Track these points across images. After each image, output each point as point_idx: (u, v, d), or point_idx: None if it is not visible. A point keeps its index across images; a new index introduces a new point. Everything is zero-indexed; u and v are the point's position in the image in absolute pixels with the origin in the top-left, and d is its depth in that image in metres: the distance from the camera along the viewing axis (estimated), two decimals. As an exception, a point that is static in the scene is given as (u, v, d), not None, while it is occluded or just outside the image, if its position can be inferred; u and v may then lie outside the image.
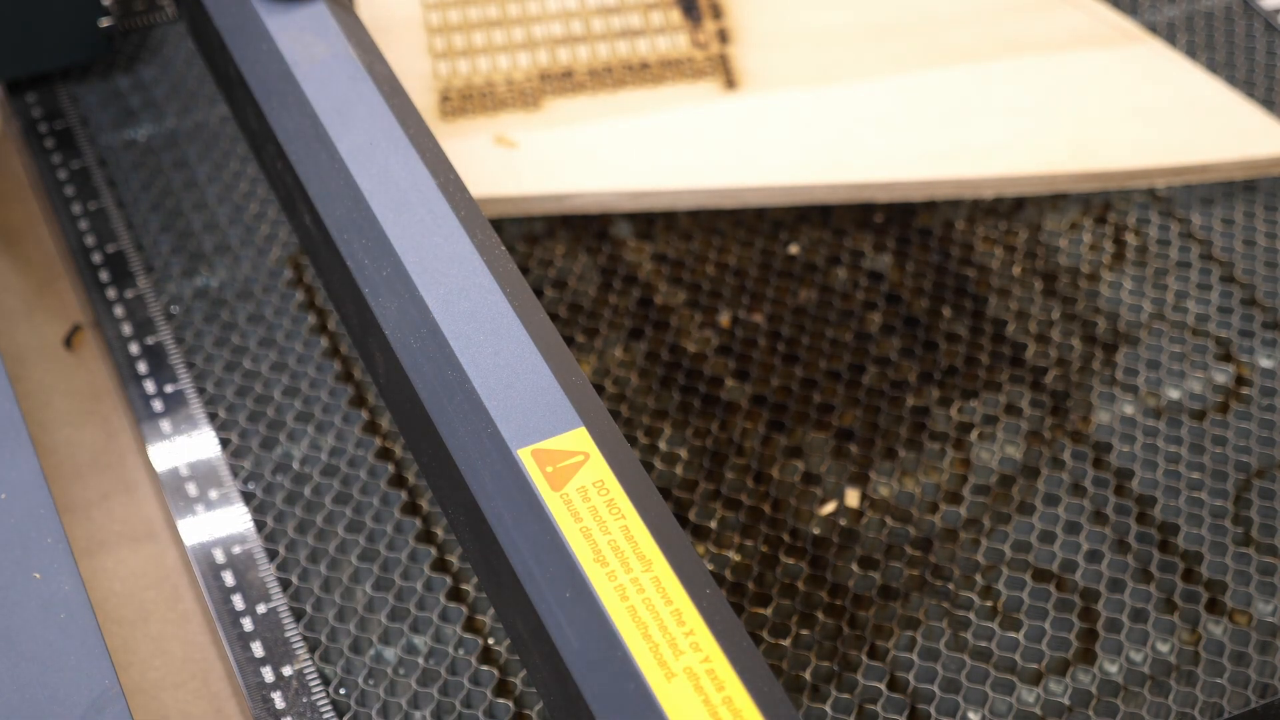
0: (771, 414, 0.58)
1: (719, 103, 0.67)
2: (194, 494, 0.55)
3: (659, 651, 0.38)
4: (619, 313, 0.61)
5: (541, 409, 0.43)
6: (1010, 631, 0.52)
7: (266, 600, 0.52)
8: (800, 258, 0.63)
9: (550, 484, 0.41)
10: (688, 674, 0.38)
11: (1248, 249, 0.64)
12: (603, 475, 0.41)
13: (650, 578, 0.40)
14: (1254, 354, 0.60)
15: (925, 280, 0.63)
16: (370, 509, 0.54)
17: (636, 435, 0.57)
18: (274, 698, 0.50)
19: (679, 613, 0.39)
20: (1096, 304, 0.62)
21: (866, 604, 0.53)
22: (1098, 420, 0.58)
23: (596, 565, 0.40)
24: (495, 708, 0.50)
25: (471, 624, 0.52)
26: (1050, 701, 0.50)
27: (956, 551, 0.54)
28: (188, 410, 0.57)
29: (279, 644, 0.51)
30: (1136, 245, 0.64)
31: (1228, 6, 0.73)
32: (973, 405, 0.58)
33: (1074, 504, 0.55)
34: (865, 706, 0.50)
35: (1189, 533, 0.55)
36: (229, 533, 0.54)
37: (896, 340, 0.60)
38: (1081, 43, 0.70)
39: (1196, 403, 0.59)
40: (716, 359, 0.60)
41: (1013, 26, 0.71)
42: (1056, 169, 0.65)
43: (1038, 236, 0.64)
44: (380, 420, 0.57)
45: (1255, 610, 0.53)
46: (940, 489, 0.56)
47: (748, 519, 0.55)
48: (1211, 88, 0.68)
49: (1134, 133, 0.66)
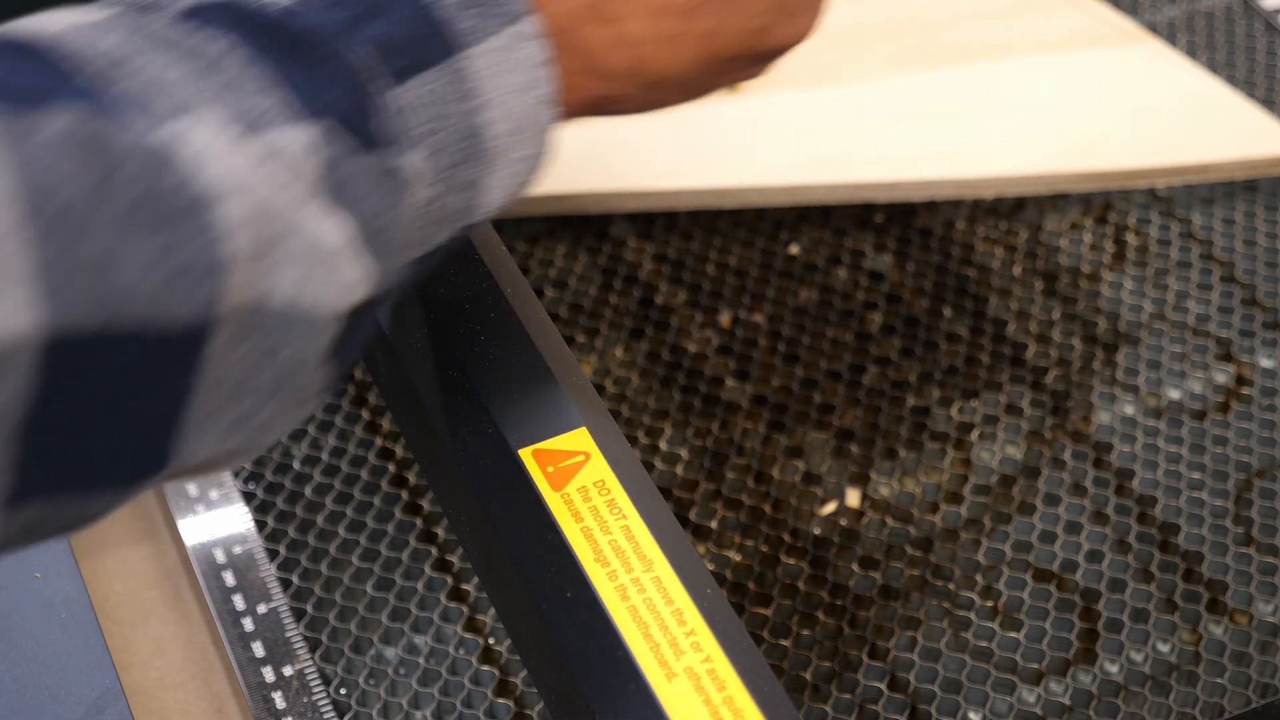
0: (772, 414, 0.58)
1: (719, 103, 0.67)
2: (194, 494, 0.55)
3: (660, 651, 0.38)
4: (619, 313, 0.61)
5: (542, 409, 0.43)
6: (1011, 631, 0.52)
7: (267, 600, 0.52)
8: (801, 258, 0.63)
9: (551, 484, 0.41)
10: (688, 674, 0.38)
11: (1248, 249, 0.64)
12: (603, 475, 0.41)
13: (651, 578, 0.40)
14: (1254, 354, 0.60)
15: (926, 280, 0.63)
16: (371, 509, 0.54)
17: (637, 435, 0.57)
18: (274, 697, 0.49)
19: (680, 612, 0.39)
20: (1097, 304, 0.62)
21: (867, 604, 0.53)
22: (1098, 420, 0.58)
23: (597, 565, 0.40)
24: (496, 708, 0.50)
25: (472, 624, 0.52)
26: (1051, 701, 0.50)
27: (957, 551, 0.54)
28: (188, 410, 0.57)
29: (280, 644, 0.51)
30: (1137, 245, 0.64)
31: (1228, 7, 0.73)
32: (973, 405, 0.58)
33: (1074, 504, 0.55)
34: (866, 706, 0.50)
35: (1189, 533, 0.55)
36: (230, 532, 0.54)
37: (897, 340, 0.60)
38: (1081, 43, 0.70)
39: (1197, 403, 0.59)
40: (717, 359, 0.60)
41: (1013, 27, 0.71)
42: (1056, 169, 0.65)
43: (1038, 236, 0.64)
44: (381, 421, 0.57)
45: (1256, 610, 0.53)
46: (941, 489, 0.56)
47: (748, 519, 0.55)
48: (1211, 88, 0.68)
49: (1134, 133, 0.66)
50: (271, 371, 0.35)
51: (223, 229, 0.33)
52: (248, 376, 0.35)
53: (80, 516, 0.34)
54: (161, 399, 0.33)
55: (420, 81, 0.39)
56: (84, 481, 0.33)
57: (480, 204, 0.41)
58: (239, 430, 0.36)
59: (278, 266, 0.34)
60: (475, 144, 0.40)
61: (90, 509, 0.34)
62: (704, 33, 0.47)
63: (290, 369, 0.36)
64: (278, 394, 0.36)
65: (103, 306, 0.31)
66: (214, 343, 0.33)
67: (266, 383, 0.35)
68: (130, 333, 0.32)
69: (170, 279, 0.32)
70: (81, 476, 0.33)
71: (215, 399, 0.34)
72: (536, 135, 0.42)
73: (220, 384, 0.34)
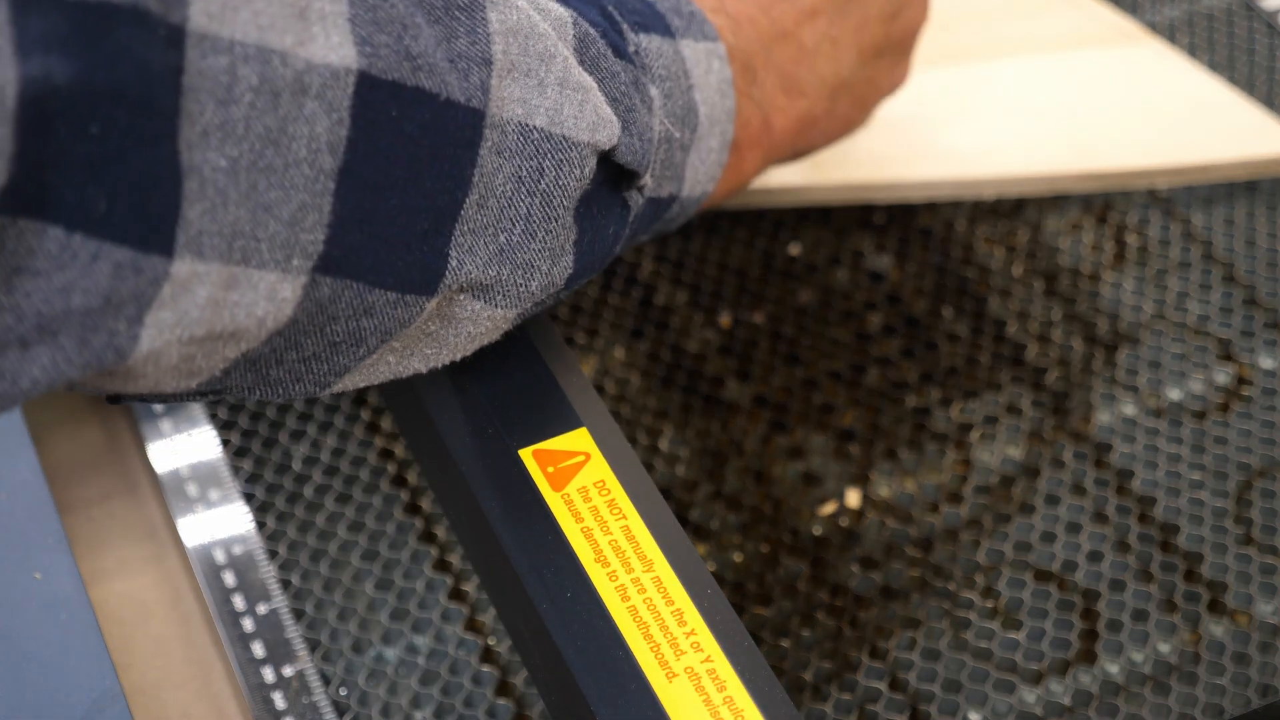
0: (772, 414, 0.58)
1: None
2: (194, 494, 0.55)
3: (660, 652, 0.38)
4: (620, 313, 0.61)
5: (542, 409, 0.43)
6: (1011, 632, 0.52)
7: (267, 600, 0.52)
8: (801, 258, 0.63)
9: (551, 484, 0.41)
10: (689, 674, 0.38)
11: (1248, 249, 0.64)
12: (604, 475, 0.41)
13: (651, 578, 0.40)
14: (1255, 354, 0.60)
15: (926, 281, 0.63)
16: (371, 509, 0.54)
17: (637, 436, 0.57)
18: (274, 698, 0.49)
19: (680, 613, 0.39)
20: (1097, 304, 0.62)
21: (867, 604, 0.53)
22: (1098, 420, 0.58)
23: (598, 565, 0.40)
24: (496, 708, 0.50)
25: (472, 624, 0.52)
26: (1051, 702, 0.50)
27: (957, 552, 0.54)
28: (188, 410, 0.57)
29: (280, 644, 0.51)
30: (1137, 245, 0.64)
31: (1228, 7, 0.73)
32: (973, 405, 0.58)
33: (1075, 504, 0.55)
34: (866, 707, 0.50)
35: (1190, 533, 0.55)
36: (230, 533, 0.54)
37: (897, 340, 0.60)
38: (1081, 43, 0.70)
39: (1197, 403, 0.59)
40: (717, 359, 0.60)
41: (1012, 26, 0.71)
42: (1057, 169, 0.65)
43: (1038, 237, 0.64)
44: (381, 421, 0.57)
45: (1256, 610, 0.53)
46: (941, 489, 0.56)
47: (748, 519, 0.55)
48: (1211, 88, 0.68)
49: (1134, 133, 0.66)
50: (529, 202, 0.38)
51: (495, 29, 0.37)
52: (510, 200, 0.38)
53: (357, 321, 0.36)
54: (446, 180, 0.36)
55: (652, 39, 0.44)
56: (374, 267, 0.35)
57: (683, 180, 0.45)
58: (502, 261, 0.38)
59: (539, 87, 0.38)
60: (691, 114, 0.45)
61: (370, 311, 0.36)
62: (854, 27, 0.52)
63: (545, 206, 0.38)
64: (536, 232, 0.39)
65: (402, 62, 0.34)
66: (484, 145, 0.36)
67: (524, 215, 0.38)
68: (426, 92, 0.35)
69: (452, 59, 0.36)
70: (374, 259, 0.35)
71: (483, 214, 0.37)
72: (724, 137, 0.46)
73: (486, 199, 0.37)
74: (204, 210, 0.31)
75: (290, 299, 0.34)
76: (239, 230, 0.32)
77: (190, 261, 0.32)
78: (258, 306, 0.34)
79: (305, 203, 0.33)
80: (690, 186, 0.45)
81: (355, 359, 0.38)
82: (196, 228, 0.31)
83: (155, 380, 0.35)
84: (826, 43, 0.51)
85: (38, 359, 0.31)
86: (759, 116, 0.49)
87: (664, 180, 0.44)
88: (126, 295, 0.31)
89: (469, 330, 0.39)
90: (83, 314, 0.31)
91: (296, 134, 0.32)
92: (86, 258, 0.30)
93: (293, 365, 0.37)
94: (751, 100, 0.48)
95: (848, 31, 0.52)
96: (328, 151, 0.33)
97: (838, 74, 0.52)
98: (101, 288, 0.31)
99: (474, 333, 0.40)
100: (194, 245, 0.32)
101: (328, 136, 0.33)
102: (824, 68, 0.51)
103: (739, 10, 0.49)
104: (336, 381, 0.39)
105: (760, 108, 0.49)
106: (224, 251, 0.32)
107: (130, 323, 0.32)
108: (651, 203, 0.44)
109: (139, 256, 0.31)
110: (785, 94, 0.50)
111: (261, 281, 0.33)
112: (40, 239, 0.30)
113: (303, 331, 0.36)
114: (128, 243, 0.31)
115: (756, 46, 0.49)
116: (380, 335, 0.37)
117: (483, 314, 0.39)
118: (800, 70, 0.50)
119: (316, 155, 0.33)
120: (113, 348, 0.32)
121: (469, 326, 0.39)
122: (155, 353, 0.33)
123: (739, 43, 0.48)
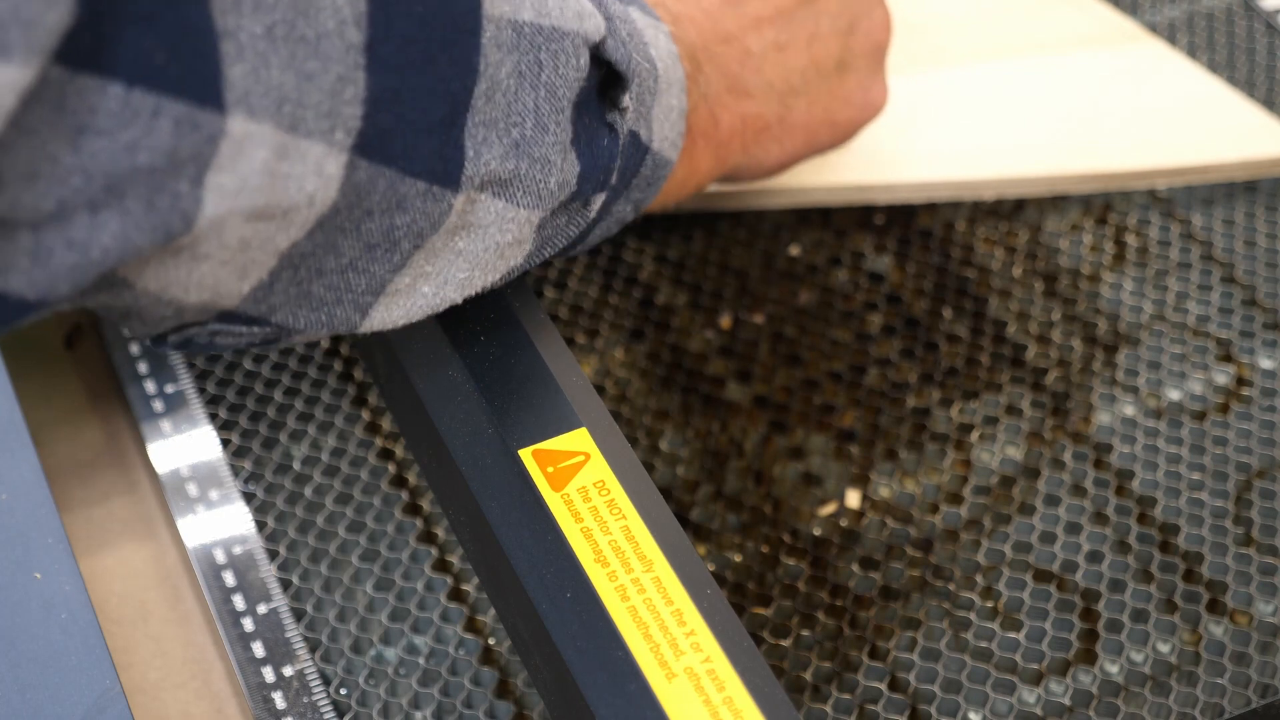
0: (772, 415, 0.58)
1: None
2: (194, 494, 0.55)
3: (660, 652, 0.38)
4: (620, 313, 0.61)
5: (542, 409, 0.43)
6: (1011, 632, 0.52)
7: (267, 600, 0.52)
8: (801, 259, 0.63)
9: (551, 484, 0.41)
10: (689, 674, 0.38)
11: (1248, 250, 0.64)
12: (603, 475, 0.41)
13: (651, 578, 0.40)
14: (1254, 355, 0.60)
15: (926, 281, 0.63)
16: (371, 510, 0.54)
17: (637, 436, 0.57)
18: (275, 698, 0.49)
19: (680, 613, 0.39)
20: (1097, 305, 0.62)
21: (867, 605, 0.53)
22: (1098, 421, 0.58)
23: (597, 565, 0.40)
24: (496, 708, 0.50)
25: (472, 624, 0.52)
26: (1051, 702, 0.50)
27: (957, 552, 0.54)
28: (188, 410, 0.57)
29: (280, 644, 0.51)
30: (1137, 246, 0.64)
31: (1228, 7, 0.73)
32: (973, 406, 0.58)
33: (1075, 504, 0.55)
34: (866, 707, 0.50)
35: (1190, 533, 0.55)
36: (230, 533, 0.54)
37: (897, 341, 0.61)
38: (1081, 43, 0.70)
39: (1197, 403, 0.59)
40: (717, 360, 0.60)
41: (1013, 27, 0.71)
42: (1057, 170, 0.65)
43: (1038, 238, 0.64)
44: (381, 421, 0.57)
45: (1256, 611, 0.53)
46: (941, 490, 0.56)
47: (748, 519, 0.55)
48: (1212, 88, 0.68)
49: (1134, 133, 0.66)
50: (534, 95, 0.40)
51: None
52: (515, 95, 0.39)
53: (390, 218, 0.38)
54: (457, 66, 0.37)
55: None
56: (404, 152, 0.37)
57: (651, 125, 0.45)
58: (519, 155, 0.40)
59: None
60: (651, 66, 0.45)
61: (402, 205, 0.38)
62: (805, 38, 0.51)
63: (550, 98, 0.40)
64: (548, 125, 0.40)
65: None
66: (484, 35, 0.38)
67: (532, 109, 0.40)
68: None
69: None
70: (403, 142, 0.37)
71: (491, 106, 0.39)
72: (680, 104, 0.47)
73: (493, 91, 0.39)
74: (246, 71, 0.33)
75: (335, 176, 0.36)
76: (285, 95, 0.34)
77: (243, 120, 0.33)
78: (307, 180, 0.35)
79: (342, 75, 0.35)
80: (659, 140, 0.46)
81: (391, 267, 0.39)
82: (242, 88, 0.33)
83: (215, 278, 0.36)
84: (773, 49, 0.51)
85: (107, 224, 0.32)
86: (705, 108, 0.49)
87: (639, 117, 0.44)
88: (187, 154, 0.32)
89: (495, 239, 0.41)
90: (148, 173, 0.32)
91: (322, 5, 0.34)
92: (148, 113, 0.31)
93: (332, 278, 0.38)
94: (697, 88, 0.49)
95: (797, 41, 0.52)
96: (353, 25, 0.35)
97: (787, 81, 0.52)
98: (164, 145, 0.32)
99: (500, 242, 0.41)
100: (244, 103, 0.33)
101: (350, 9, 0.35)
102: (771, 73, 0.51)
103: (681, 10, 0.49)
104: (375, 304, 0.40)
105: (706, 100, 0.49)
106: (273, 113, 0.34)
107: (193, 184, 0.33)
108: (632, 141, 0.44)
109: (195, 111, 0.32)
110: (730, 93, 0.50)
111: (310, 152, 0.35)
112: (101, 96, 0.31)
113: (340, 230, 0.37)
114: (185, 96, 0.32)
115: (699, 42, 0.50)
116: (412, 238, 0.39)
117: (506, 214, 0.40)
118: (745, 72, 0.51)
119: (343, 27, 0.34)
120: (178, 210, 0.33)
121: (495, 234, 0.41)
122: (218, 221, 0.34)
123: (682, 34, 0.48)
